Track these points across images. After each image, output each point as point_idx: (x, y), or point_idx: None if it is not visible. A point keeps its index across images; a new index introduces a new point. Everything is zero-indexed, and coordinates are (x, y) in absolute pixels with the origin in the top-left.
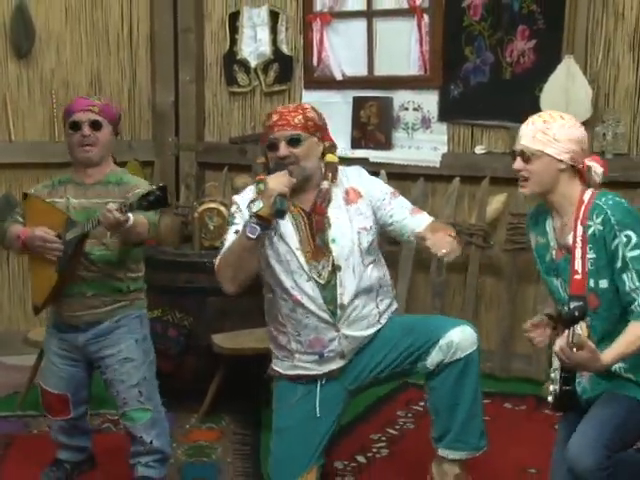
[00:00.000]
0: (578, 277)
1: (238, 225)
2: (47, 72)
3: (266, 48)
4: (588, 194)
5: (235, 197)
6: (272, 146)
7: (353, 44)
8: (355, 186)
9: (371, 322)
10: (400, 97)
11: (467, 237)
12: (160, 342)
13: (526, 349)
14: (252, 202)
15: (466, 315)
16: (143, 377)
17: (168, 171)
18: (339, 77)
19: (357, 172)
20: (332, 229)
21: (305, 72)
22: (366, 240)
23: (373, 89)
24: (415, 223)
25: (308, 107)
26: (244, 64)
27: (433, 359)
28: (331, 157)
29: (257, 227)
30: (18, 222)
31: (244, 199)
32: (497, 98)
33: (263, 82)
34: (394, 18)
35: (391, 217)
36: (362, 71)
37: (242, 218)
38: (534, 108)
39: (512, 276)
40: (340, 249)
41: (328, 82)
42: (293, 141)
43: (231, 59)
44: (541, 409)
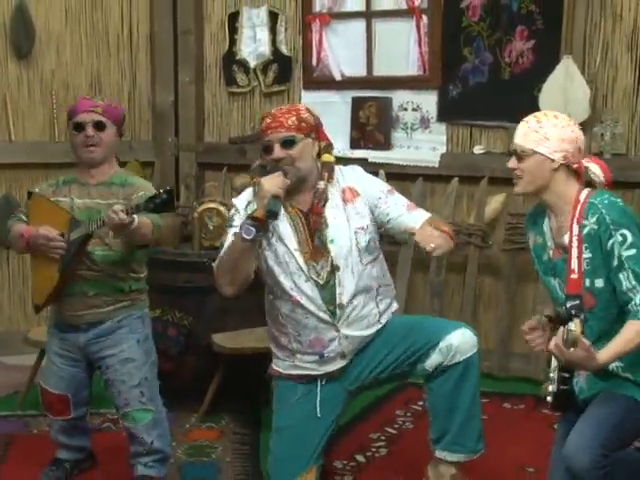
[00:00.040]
0: (574, 276)
1: (237, 227)
2: (47, 73)
3: (265, 48)
4: (584, 194)
5: (234, 200)
6: (267, 149)
7: (352, 44)
8: (352, 185)
9: (371, 322)
10: (399, 97)
11: (466, 237)
12: (160, 342)
13: (525, 349)
14: (249, 204)
15: (465, 315)
16: (144, 377)
17: (168, 171)
18: (338, 77)
19: (353, 171)
20: (330, 229)
21: (304, 72)
22: (364, 239)
23: (372, 89)
24: (411, 220)
25: (302, 108)
26: (243, 64)
27: (432, 362)
28: (327, 157)
29: (252, 228)
30: (22, 221)
31: (242, 201)
32: (496, 98)
33: (262, 82)
34: (393, 19)
35: (387, 215)
36: (361, 71)
37: (240, 220)
38: (533, 108)
39: (511, 276)
40: (338, 249)
41: (327, 82)
42: (287, 143)
43: (230, 59)
44: (539, 408)
